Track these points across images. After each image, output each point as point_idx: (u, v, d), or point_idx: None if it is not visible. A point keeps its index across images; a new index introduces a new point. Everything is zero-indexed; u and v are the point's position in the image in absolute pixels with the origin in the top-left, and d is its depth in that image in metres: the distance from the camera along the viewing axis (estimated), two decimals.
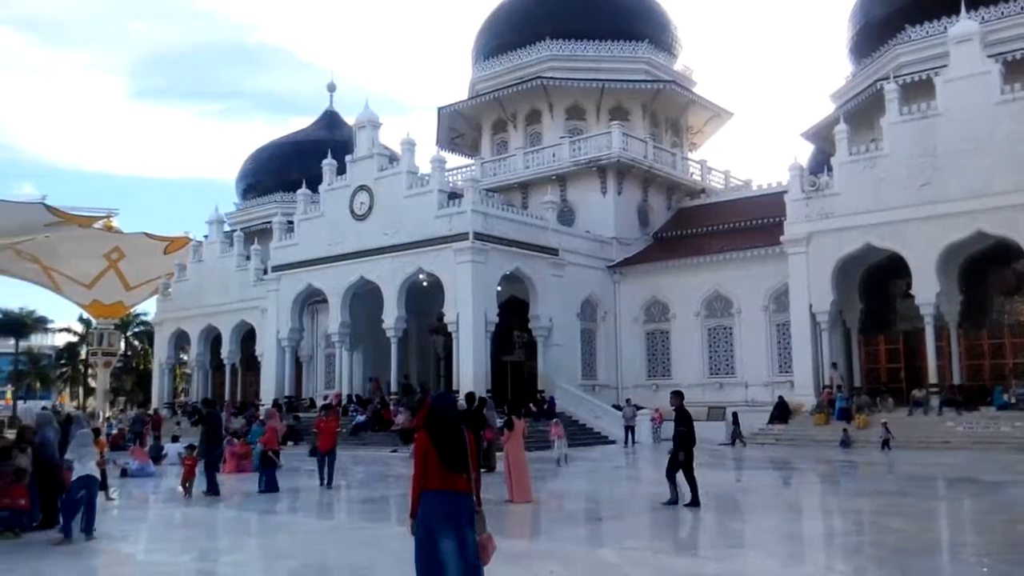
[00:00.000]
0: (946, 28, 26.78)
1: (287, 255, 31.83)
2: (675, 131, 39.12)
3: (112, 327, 50.15)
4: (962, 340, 25.21)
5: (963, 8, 26.09)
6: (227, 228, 40.77)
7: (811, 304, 25.73)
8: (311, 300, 32.93)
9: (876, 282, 26.85)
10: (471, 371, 25.93)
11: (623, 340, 31.27)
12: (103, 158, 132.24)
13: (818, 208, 25.87)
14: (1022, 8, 28.44)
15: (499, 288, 27.89)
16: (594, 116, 36.39)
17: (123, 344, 57.07)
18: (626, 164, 33.19)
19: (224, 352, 36.63)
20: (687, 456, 11.48)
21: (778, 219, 27.10)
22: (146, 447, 21.97)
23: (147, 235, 43.78)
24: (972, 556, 8.40)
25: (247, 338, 36.18)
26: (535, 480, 13.40)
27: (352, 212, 29.65)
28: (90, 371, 57.29)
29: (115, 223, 42.45)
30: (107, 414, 41.65)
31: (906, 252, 24.09)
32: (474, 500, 5.38)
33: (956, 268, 24.89)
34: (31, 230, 38.57)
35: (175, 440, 21.64)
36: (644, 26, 37.80)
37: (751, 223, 30.44)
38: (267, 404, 30.58)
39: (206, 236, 39.26)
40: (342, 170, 30.59)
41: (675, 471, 11.47)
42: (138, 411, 36.69)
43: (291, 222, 32.52)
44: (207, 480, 14.19)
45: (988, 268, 25.26)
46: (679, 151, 37.84)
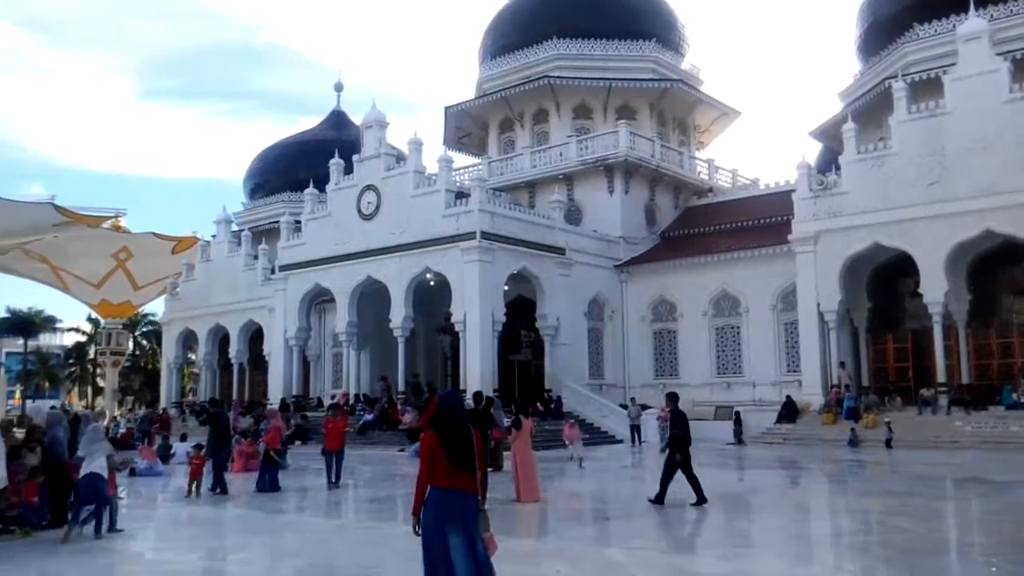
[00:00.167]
0: (954, 26, 26.64)
1: (294, 255, 31.92)
2: (682, 130, 39.06)
3: (120, 327, 50.29)
4: (971, 339, 25.10)
5: (971, 6, 25.99)
6: (235, 228, 40.86)
7: (819, 303, 25.65)
8: (319, 300, 33.01)
9: (884, 281, 26.75)
10: (478, 370, 25.94)
11: (630, 339, 31.24)
12: (111, 158, 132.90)
13: (826, 207, 25.79)
14: None
15: (506, 287, 27.90)
16: (601, 115, 36.36)
17: (131, 344, 57.27)
18: (633, 163, 33.15)
19: (232, 351, 36.75)
20: (684, 457, 11.49)
21: (786, 218, 27.03)
22: (154, 446, 22.07)
23: (155, 235, 43.85)
24: (980, 556, 8.37)
25: (255, 337, 36.29)
26: (542, 479, 13.41)
27: (359, 212, 29.71)
28: (98, 370, 57.52)
29: (123, 223, 42.46)
30: (115, 413, 41.84)
31: (914, 251, 23.99)
32: (479, 499, 5.40)
33: (965, 267, 24.77)
34: (40, 230, 38.66)
35: (183, 439, 21.74)
36: (651, 25, 37.75)
37: (759, 222, 30.36)
38: (275, 403, 30.75)
39: (214, 236, 39.36)
40: (349, 170, 30.65)
41: (672, 473, 11.50)
42: (146, 410, 36.90)
43: (298, 222, 32.60)
44: (215, 479, 14.27)
45: (997, 267, 25.13)
46: (686, 150, 37.77)
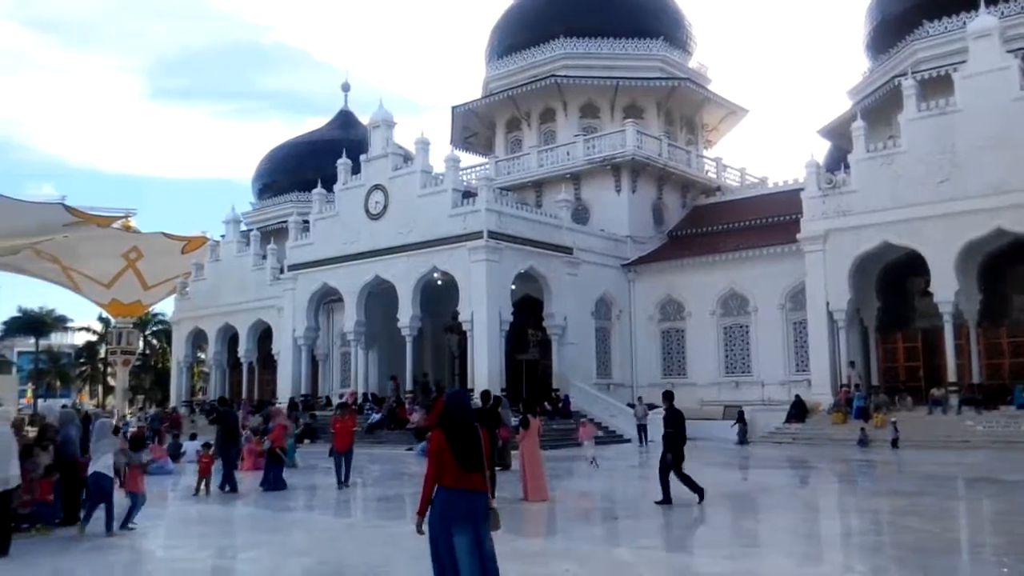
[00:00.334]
0: (964, 23, 26.49)
1: (303, 254, 32.00)
2: (690, 129, 38.97)
3: (131, 326, 50.59)
4: (981, 338, 24.95)
5: (982, 3, 25.82)
6: (244, 228, 41.00)
7: (828, 302, 25.55)
8: (327, 299, 33.09)
9: (894, 280, 26.62)
10: (486, 369, 25.95)
11: (638, 339, 31.19)
12: (120, 158, 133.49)
13: (835, 205, 25.68)
14: None
15: (513, 287, 27.89)
16: (608, 114, 36.31)
17: (141, 343, 57.57)
18: (641, 162, 33.09)
19: (241, 351, 36.87)
20: (675, 457, 11.49)
21: (794, 217, 26.93)
22: (164, 445, 22.16)
23: (165, 235, 44.11)
24: (992, 556, 8.33)
25: (264, 337, 36.41)
26: (550, 479, 13.41)
27: (367, 211, 29.76)
28: (109, 369, 57.83)
29: (133, 223, 42.78)
30: (126, 412, 42.05)
31: (924, 249, 23.87)
32: (488, 497, 5.40)
33: (975, 266, 24.62)
34: (51, 230, 38.93)
35: (193, 438, 21.83)
36: (658, 23, 37.65)
37: (767, 221, 30.28)
38: (283, 402, 30.83)
39: (223, 236, 39.51)
40: (357, 169, 30.70)
41: (667, 472, 11.51)
42: (157, 409, 37.06)
43: (307, 221, 32.67)
44: (224, 477, 14.33)
45: (1007, 266, 24.97)
46: (694, 149, 37.69)
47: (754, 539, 9.93)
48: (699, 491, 11.40)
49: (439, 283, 28.64)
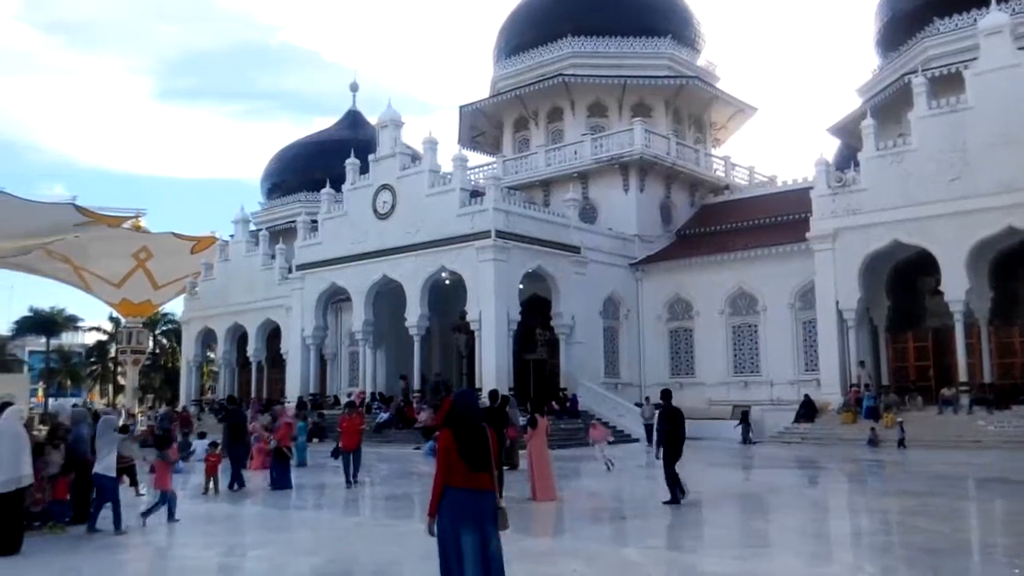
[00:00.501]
0: (976, 20, 26.31)
1: (311, 254, 32.08)
2: (698, 127, 38.86)
3: (141, 325, 50.85)
4: (993, 337, 24.78)
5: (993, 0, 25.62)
6: (252, 227, 41.14)
7: (838, 301, 25.43)
8: (335, 298, 33.16)
9: (904, 279, 26.48)
10: (493, 369, 25.96)
11: (646, 338, 31.12)
12: (130, 159, 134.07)
13: (845, 204, 25.56)
14: None
15: (521, 286, 27.88)
16: (616, 113, 36.24)
17: (151, 342, 57.84)
18: (649, 161, 33.02)
19: (250, 350, 37.01)
20: (671, 456, 11.53)
21: (804, 215, 26.83)
22: (174, 444, 22.20)
23: (174, 235, 44.28)
24: (1004, 557, 8.27)
25: (272, 336, 36.53)
26: (558, 478, 13.39)
27: (375, 211, 29.80)
28: (119, 369, 58.15)
29: (143, 223, 42.93)
30: (136, 411, 42.23)
31: (935, 248, 23.73)
32: (496, 497, 5.39)
33: (986, 264, 24.47)
34: (61, 230, 39.15)
35: (202, 437, 21.89)
36: (667, 21, 37.56)
37: (776, 220, 30.16)
38: (292, 401, 30.92)
39: (232, 235, 39.65)
40: (365, 169, 30.76)
41: (672, 470, 11.53)
42: (166, 408, 37.20)
43: (315, 221, 32.76)
44: (232, 475, 14.38)
45: (1019, 264, 24.78)
46: (702, 147, 37.57)
47: (763, 539, 9.89)
48: (682, 494, 11.44)
49: (447, 282, 28.66)
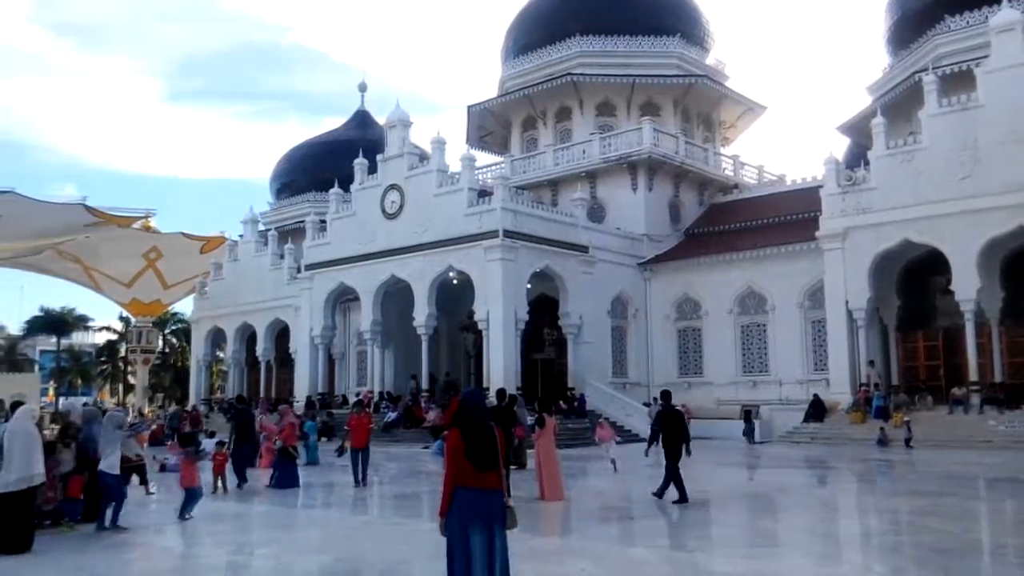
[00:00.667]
0: (987, 18, 26.16)
1: (320, 254, 32.16)
2: (707, 126, 38.75)
3: (150, 325, 51.10)
4: (1003, 337, 24.63)
5: None
6: (261, 227, 41.25)
7: (847, 301, 25.32)
8: (343, 298, 33.23)
9: (914, 278, 26.34)
10: (501, 368, 25.96)
11: (654, 338, 31.07)
12: (141, 159, 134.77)
13: (854, 203, 25.44)
14: None
15: (529, 286, 27.87)
16: (625, 112, 36.18)
17: (161, 342, 58.11)
18: (657, 160, 32.95)
19: (259, 349, 37.12)
20: (671, 456, 11.57)
21: (813, 214, 26.71)
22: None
23: (184, 235, 44.51)
24: (1015, 558, 8.21)
25: (281, 335, 36.64)
26: (566, 478, 13.39)
27: (383, 211, 29.85)
28: (129, 368, 58.44)
29: (153, 223, 43.22)
30: (146, 410, 42.46)
31: (945, 247, 23.60)
32: (504, 496, 5.40)
33: (997, 263, 24.31)
34: (72, 230, 39.43)
35: (211, 435, 21.99)
36: (675, 20, 37.47)
37: (785, 219, 30.05)
38: (301, 400, 31.03)
39: (241, 235, 39.77)
40: (373, 169, 30.81)
41: (675, 470, 11.58)
42: (176, 407, 37.36)
43: (324, 221, 32.82)
44: (236, 473, 14.44)
45: None
46: (711, 146, 37.47)
47: (772, 539, 9.86)
48: (663, 493, 11.58)
49: (455, 282, 28.68)
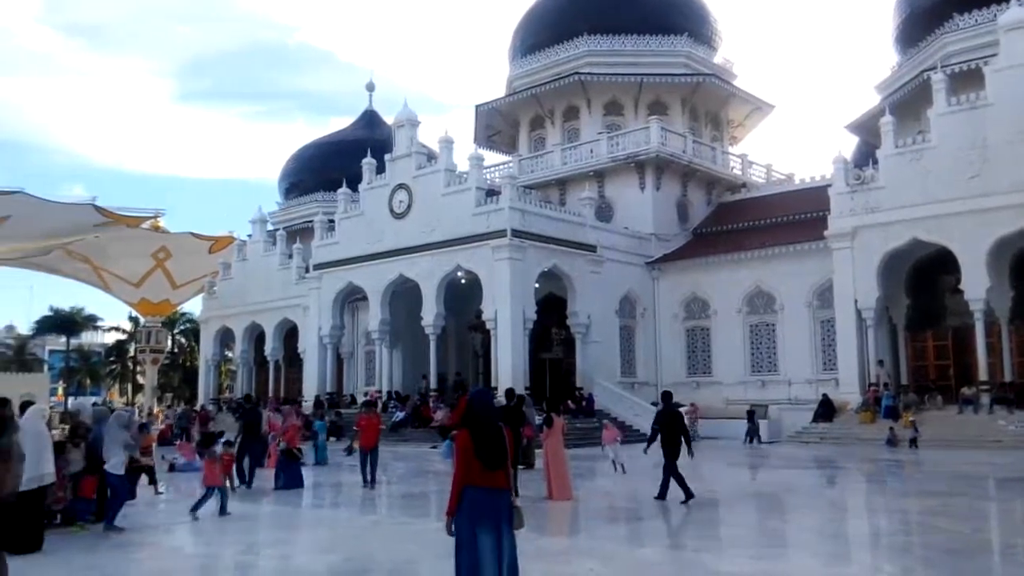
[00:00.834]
0: (996, 16, 26.01)
1: (328, 253, 32.23)
2: (715, 125, 38.67)
3: (159, 325, 51.34)
4: (1013, 336, 24.49)
5: None
6: (270, 227, 41.37)
7: (856, 300, 25.23)
8: (352, 298, 33.30)
9: (923, 277, 26.23)
10: (509, 368, 25.96)
11: (662, 337, 31.02)
12: (150, 159, 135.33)
13: (863, 202, 25.35)
14: None
15: (537, 285, 27.86)
16: (632, 111, 36.13)
17: (170, 341, 58.33)
18: (665, 159, 32.90)
19: (268, 349, 37.23)
20: (670, 456, 11.61)
21: (822, 213, 26.63)
22: (192, 443, 22.40)
23: (193, 235, 44.69)
24: None
25: (290, 335, 36.74)
26: (574, 478, 13.38)
27: (391, 210, 29.89)
28: (138, 368, 58.66)
29: (162, 223, 43.44)
30: (155, 409, 42.61)
31: (954, 246, 23.48)
32: (511, 496, 5.40)
33: (1007, 262, 24.18)
34: (82, 230, 39.66)
35: (220, 435, 22.03)
36: (683, 19, 37.39)
37: (794, 218, 29.97)
38: (309, 400, 31.11)
39: (250, 235, 39.91)
40: (381, 169, 30.86)
41: (675, 470, 11.62)
42: (184, 407, 37.50)
43: (332, 221, 32.90)
44: (238, 472, 14.51)
45: None
46: (719, 145, 37.39)
47: (780, 539, 9.84)
48: (664, 495, 11.59)
49: (463, 282, 28.69)
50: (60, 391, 60.98)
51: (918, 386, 25.53)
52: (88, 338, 67.69)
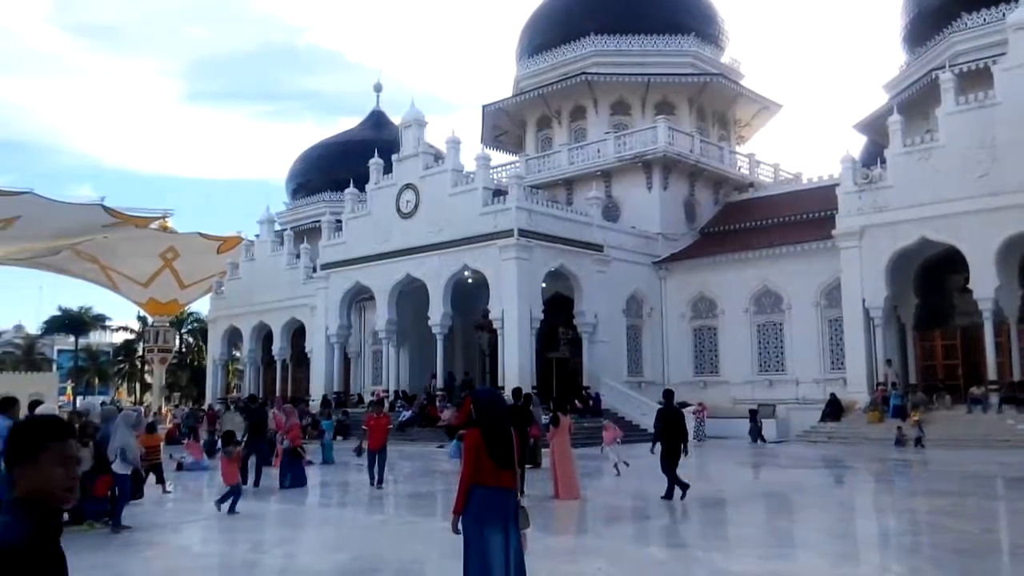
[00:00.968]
0: (1004, 15, 25.90)
1: (335, 253, 32.30)
2: (722, 124, 38.59)
3: (167, 324, 51.56)
4: (1022, 336, 24.37)
5: None
6: (278, 227, 41.50)
7: (864, 299, 25.15)
8: (359, 297, 33.36)
9: (932, 276, 26.13)
10: (516, 367, 25.97)
11: (669, 336, 30.98)
12: (157, 160, 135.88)
13: (871, 201, 25.27)
14: None
15: (544, 285, 27.87)
16: (639, 111, 36.09)
17: (178, 341, 58.58)
18: (672, 159, 32.85)
19: (275, 349, 37.35)
20: (670, 454, 11.69)
21: (829, 213, 26.55)
22: (200, 442, 22.50)
23: (201, 235, 44.85)
24: None
25: (297, 335, 36.83)
26: (581, 477, 13.38)
27: (398, 210, 29.94)
28: (146, 367, 58.95)
29: (170, 223, 43.62)
30: (163, 409, 42.77)
31: (963, 245, 23.39)
32: (518, 495, 5.41)
33: (1016, 262, 24.06)
34: (90, 231, 39.84)
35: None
36: (690, 19, 37.33)
37: (801, 217, 29.87)
38: (317, 399, 31.19)
39: (257, 235, 40.03)
40: (388, 169, 30.91)
41: (673, 467, 11.70)
42: (191, 407, 37.65)
43: (339, 221, 32.98)
44: (242, 471, 14.56)
45: None
46: (726, 145, 37.30)
47: (788, 539, 9.82)
48: (671, 494, 11.64)
49: (470, 281, 28.72)
50: (68, 390, 61.26)
51: (927, 385, 25.45)
52: (96, 338, 68.05)
